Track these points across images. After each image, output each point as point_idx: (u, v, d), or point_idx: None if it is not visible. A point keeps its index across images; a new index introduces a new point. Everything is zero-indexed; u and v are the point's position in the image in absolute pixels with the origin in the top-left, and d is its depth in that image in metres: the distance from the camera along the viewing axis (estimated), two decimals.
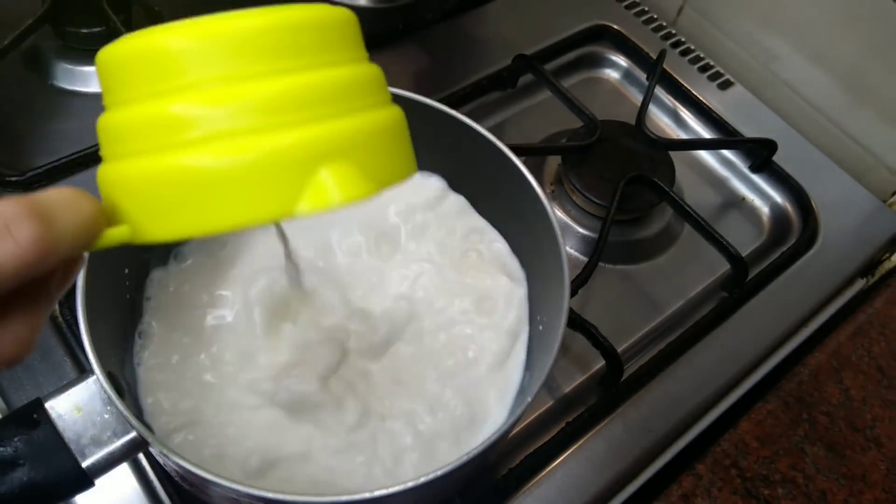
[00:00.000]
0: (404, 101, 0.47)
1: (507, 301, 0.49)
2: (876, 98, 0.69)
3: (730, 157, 0.70)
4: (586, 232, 0.62)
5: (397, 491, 0.35)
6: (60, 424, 0.36)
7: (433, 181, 0.53)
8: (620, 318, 0.59)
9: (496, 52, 0.72)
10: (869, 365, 0.57)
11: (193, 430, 0.43)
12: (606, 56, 0.76)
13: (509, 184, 0.47)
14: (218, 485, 0.35)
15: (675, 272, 0.62)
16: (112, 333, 0.44)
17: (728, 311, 0.59)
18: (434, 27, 0.74)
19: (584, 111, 0.64)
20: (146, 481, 0.47)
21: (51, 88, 0.65)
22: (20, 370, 0.49)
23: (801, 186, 0.67)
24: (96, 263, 0.39)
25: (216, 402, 0.44)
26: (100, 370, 0.36)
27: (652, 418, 0.53)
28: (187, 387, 0.44)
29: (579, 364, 0.56)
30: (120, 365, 0.44)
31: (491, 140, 0.47)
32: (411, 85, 0.69)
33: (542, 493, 0.49)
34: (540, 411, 0.54)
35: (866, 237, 0.66)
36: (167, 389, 0.44)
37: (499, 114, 0.70)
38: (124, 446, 0.37)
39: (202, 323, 0.47)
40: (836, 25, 0.70)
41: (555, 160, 0.66)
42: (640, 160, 0.63)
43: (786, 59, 0.75)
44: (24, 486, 0.35)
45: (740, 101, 0.74)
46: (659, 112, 0.73)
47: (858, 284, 0.64)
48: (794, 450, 0.52)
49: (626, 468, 0.51)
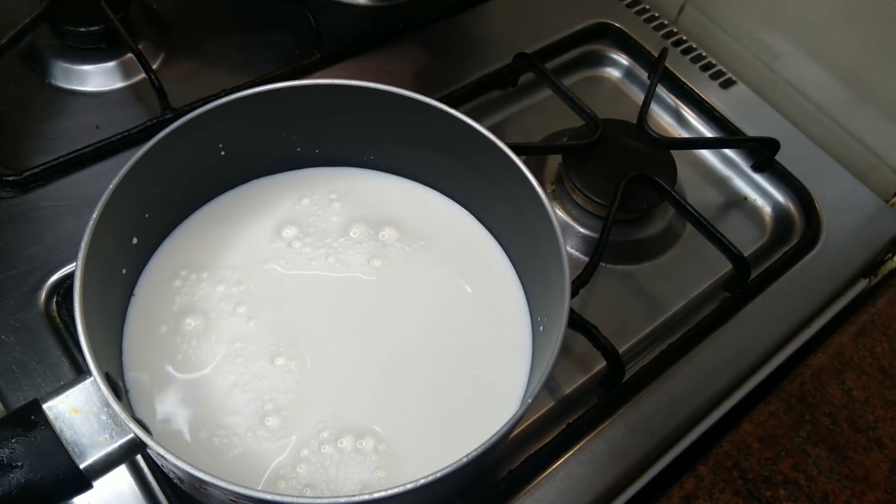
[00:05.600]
0: (404, 100, 0.48)
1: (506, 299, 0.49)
2: (879, 97, 0.69)
3: (732, 157, 0.70)
4: (587, 232, 0.62)
5: (397, 493, 0.34)
6: (58, 426, 0.36)
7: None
8: (622, 319, 0.58)
9: (497, 51, 0.71)
10: (871, 366, 0.57)
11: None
12: (608, 54, 0.75)
13: (510, 183, 0.47)
14: (215, 486, 0.34)
15: (677, 272, 0.62)
16: (109, 334, 0.44)
17: (730, 312, 0.59)
18: (434, 25, 0.74)
19: (585, 110, 0.64)
20: (144, 483, 0.46)
21: (48, 87, 0.64)
22: (18, 371, 0.49)
23: (804, 186, 0.66)
24: (93, 265, 0.39)
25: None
26: (97, 371, 0.36)
27: (653, 419, 0.53)
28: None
29: (580, 365, 0.55)
30: (118, 366, 0.44)
31: (491, 139, 0.46)
32: (411, 84, 0.69)
33: (543, 495, 0.49)
34: (541, 412, 0.53)
35: (869, 237, 0.65)
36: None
37: (499, 113, 0.70)
38: (122, 448, 0.37)
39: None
40: (838, 24, 0.69)
41: (555, 159, 0.65)
42: (641, 159, 0.63)
43: (788, 57, 0.74)
44: (21, 487, 0.35)
45: (742, 99, 0.73)
46: (660, 111, 0.73)
47: (861, 285, 0.64)
48: (797, 451, 0.52)
49: (627, 469, 0.51)
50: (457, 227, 0.53)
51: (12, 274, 0.53)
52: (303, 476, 0.42)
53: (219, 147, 0.49)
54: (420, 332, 0.49)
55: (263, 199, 0.52)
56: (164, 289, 0.48)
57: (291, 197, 0.53)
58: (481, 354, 0.48)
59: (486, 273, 0.52)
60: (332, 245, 0.51)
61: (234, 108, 0.46)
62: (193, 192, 0.51)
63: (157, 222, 0.49)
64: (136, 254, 0.47)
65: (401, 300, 0.50)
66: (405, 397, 0.46)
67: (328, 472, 0.43)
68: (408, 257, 0.51)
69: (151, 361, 0.45)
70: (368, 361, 0.47)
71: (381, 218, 0.52)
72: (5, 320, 0.51)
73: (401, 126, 0.50)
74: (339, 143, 0.53)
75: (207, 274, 0.49)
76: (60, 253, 0.54)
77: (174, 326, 0.46)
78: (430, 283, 0.50)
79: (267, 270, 0.49)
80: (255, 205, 0.52)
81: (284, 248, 0.50)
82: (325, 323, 0.48)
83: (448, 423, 0.46)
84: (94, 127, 0.62)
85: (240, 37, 0.71)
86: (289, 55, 0.69)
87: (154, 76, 0.61)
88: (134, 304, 0.47)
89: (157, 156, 0.43)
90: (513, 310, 0.50)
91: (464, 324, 0.49)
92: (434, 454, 0.44)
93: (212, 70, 0.68)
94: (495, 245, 0.53)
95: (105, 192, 0.40)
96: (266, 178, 0.53)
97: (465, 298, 0.50)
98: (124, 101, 0.65)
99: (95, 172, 0.59)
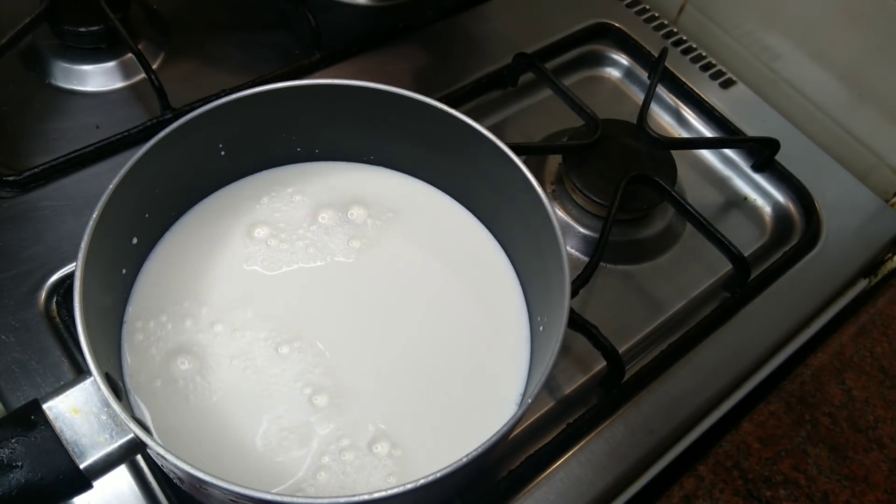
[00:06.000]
0: (404, 100, 0.48)
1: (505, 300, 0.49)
2: (879, 97, 0.69)
3: (732, 157, 0.70)
4: (587, 231, 0.62)
5: (397, 493, 0.34)
6: (58, 426, 0.36)
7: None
8: (622, 319, 0.58)
9: (496, 51, 0.71)
10: (871, 366, 0.57)
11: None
12: (607, 54, 0.75)
13: (510, 183, 0.47)
14: (215, 486, 0.34)
15: (677, 272, 0.62)
16: (109, 334, 0.44)
17: (730, 312, 0.59)
18: (434, 25, 0.74)
19: (585, 110, 0.64)
20: (144, 483, 0.46)
21: (48, 87, 0.64)
22: (17, 371, 0.49)
23: (804, 186, 0.66)
24: (93, 265, 0.39)
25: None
26: (97, 371, 0.36)
27: (653, 419, 0.53)
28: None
29: (580, 365, 0.55)
30: (118, 366, 0.44)
31: (491, 139, 0.46)
32: (411, 83, 0.69)
33: (543, 495, 0.49)
34: (540, 412, 0.53)
35: (869, 237, 0.65)
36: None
37: (499, 112, 0.70)
38: (122, 448, 0.37)
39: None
40: (838, 23, 0.69)
41: (555, 159, 0.65)
42: (641, 159, 0.63)
43: (788, 57, 0.74)
44: (21, 487, 0.35)
45: (742, 99, 0.73)
46: (660, 111, 0.73)
47: (861, 285, 0.64)
48: (797, 451, 0.52)
49: (627, 469, 0.51)
50: (444, 215, 0.53)
51: (12, 274, 0.53)
52: (322, 483, 0.42)
53: (219, 147, 0.49)
54: (420, 334, 0.48)
55: (231, 206, 0.51)
56: (152, 331, 0.46)
57: (252, 199, 0.52)
58: (481, 354, 0.48)
59: (485, 273, 0.52)
60: (307, 235, 0.51)
61: (234, 108, 0.46)
62: (193, 193, 0.51)
63: (157, 222, 0.49)
64: (136, 254, 0.47)
65: (393, 289, 0.50)
66: (405, 397, 0.46)
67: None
68: (381, 232, 0.51)
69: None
70: (368, 362, 0.47)
71: (345, 199, 0.52)
72: (5, 320, 0.51)
73: (401, 126, 0.50)
74: (340, 143, 0.53)
75: (188, 304, 0.47)
76: (60, 253, 0.54)
77: (167, 378, 0.44)
78: (418, 269, 0.51)
79: (249, 273, 0.49)
80: (221, 214, 0.51)
81: (262, 249, 0.50)
82: (325, 318, 0.48)
83: (447, 424, 0.46)
84: (94, 127, 0.62)
85: (240, 37, 0.71)
86: (289, 55, 0.70)
87: (154, 76, 0.61)
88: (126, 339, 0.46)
89: (157, 156, 0.43)
90: (513, 310, 0.50)
91: (464, 324, 0.49)
92: (433, 454, 0.44)
93: (212, 70, 0.68)
94: (495, 245, 0.53)
95: (105, 192, 0.40)
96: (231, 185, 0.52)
97: (464, 298, 0.50)
98: (124, 101, 0.65)
99: (95, 172, 0.59)
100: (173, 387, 0.44)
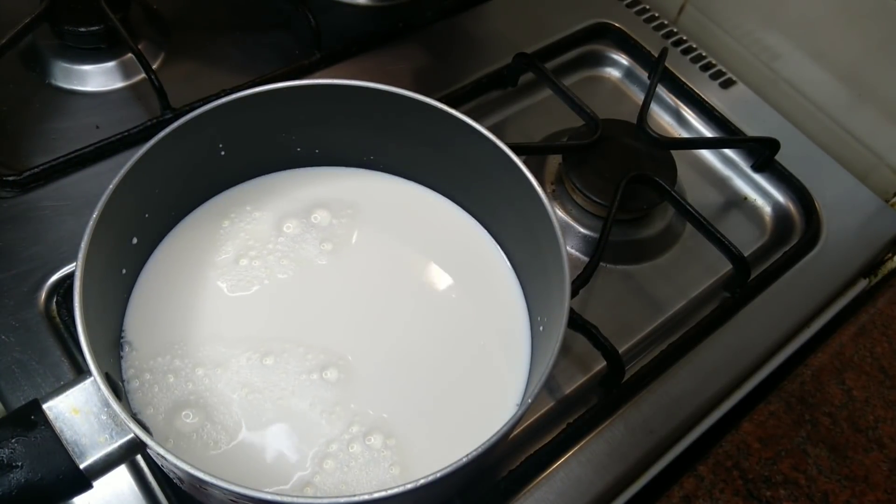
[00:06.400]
0: (404, 100, 0.48)
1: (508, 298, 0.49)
2: (879, 97, 0.69)
3: (732, 157, 0.70)
4: (587, 231, 0.62)
5: (397, 493, 0.34)
6: (58, 426, 0.36)
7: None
8: (622, 319, 0.58)
9: (496, 51, 0.71)
10: (871, 366, 0.57)
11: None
12: (607, 54, 0.75)
13: (509, 183, 0.47)
14: (215, 486, 0.34)
15: (677, 272, 0.62)
16: (109, 335, 0.44)
17: (730, 312, 0.59)
18: (434, 25, 0.74)
19: (585, 110, 0.64)
20: (144, 483, 0.46)
21: (48, 87, 0.64)
22: (17, 371, 0.49)
23: (804, 186, 0.66)
24: (93, 265, 0.39)
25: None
26: (97, 371, 0.36)
27: (653, 419, 0.53)
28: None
29: (580, 365, 0.55)
30: (117, 366, 0.44)
31: (491, 139, 0.46)
32: (411, 84, 0.69)
33: (543, 495, 0.49)
34: (540, 412, 0.53)
35: (869, 237, 0.65)
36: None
37: (499, 113, 0.70)
38: (122, 448, 0.37)
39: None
40: (838, 23, 0.69)
41: (555, 159, 0.65)
42: (641, 159, 0.63)
43: (788, 57, 0.74)
44: (21, 487, 0.35)
45: (742, 99, 0.73)
46: (660, 111, 0.73)
47: (861, 285, 0.64)
48: (797, 451, 0.52)
49: (627, 469, 0.51)
50: (440, 217, 0.53)
51: (12, 274, 0.53)
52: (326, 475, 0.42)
53: (219, 147, 0.49)
54: (419, 336, 0.49)
55: (192, 235, 0.50)
56: (147, 378, 0.45)
57: (213, 222, 0.51)
58: (481, 354, 0.48)
59: (485, 273, 0.52)
60: (277, 249, 0.50)
61: (234, 108, 0.46)
62: (194, 192, 0.51)
63: (157, 222, 0.49)
64: (136, 254, 0.47)
65: (385, 290, 0.50)
66: (405, 398, 0.46)
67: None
68: (348, 230, 0.51)
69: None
70: (368, 364, 0.47)
71: (304, 206, 0.52)
72: (5, 320, 0.51)
73: (401, 126, 0.50)
74: (340, 143, 0.53)
75: (181, 350, 0.46)
76: (60, 253, 0.54)
77: (169, 417, 0.43)
78: (409, 270, 0.51)
79: (234, 300, 0.48)
80: (189, 249, 0.50)
81: (235, 269, 0.49)
82: (321, 326, 0.48)
83: (448, 424, 0.46)
84: (94, 127, 0.62)
85: (240, 37, 0.71)
86: (289, 55, 0.69)
87: (154, 76, 0.61)
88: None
89: (157, 156, 0.43)
90: (513, 310, 0.50)
91: (463, 324, 0.49)
92: (434, 454, 0.44)
93: (212, 70, 0.68)
94: (495, 246, 0.53)
95: (105, 192, 0.40)
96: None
97: (464, 299, 0.50)
98: (124, 101, 0.65)
99: (95, 172, 0.59)
100: (187, 441, 0.43)
